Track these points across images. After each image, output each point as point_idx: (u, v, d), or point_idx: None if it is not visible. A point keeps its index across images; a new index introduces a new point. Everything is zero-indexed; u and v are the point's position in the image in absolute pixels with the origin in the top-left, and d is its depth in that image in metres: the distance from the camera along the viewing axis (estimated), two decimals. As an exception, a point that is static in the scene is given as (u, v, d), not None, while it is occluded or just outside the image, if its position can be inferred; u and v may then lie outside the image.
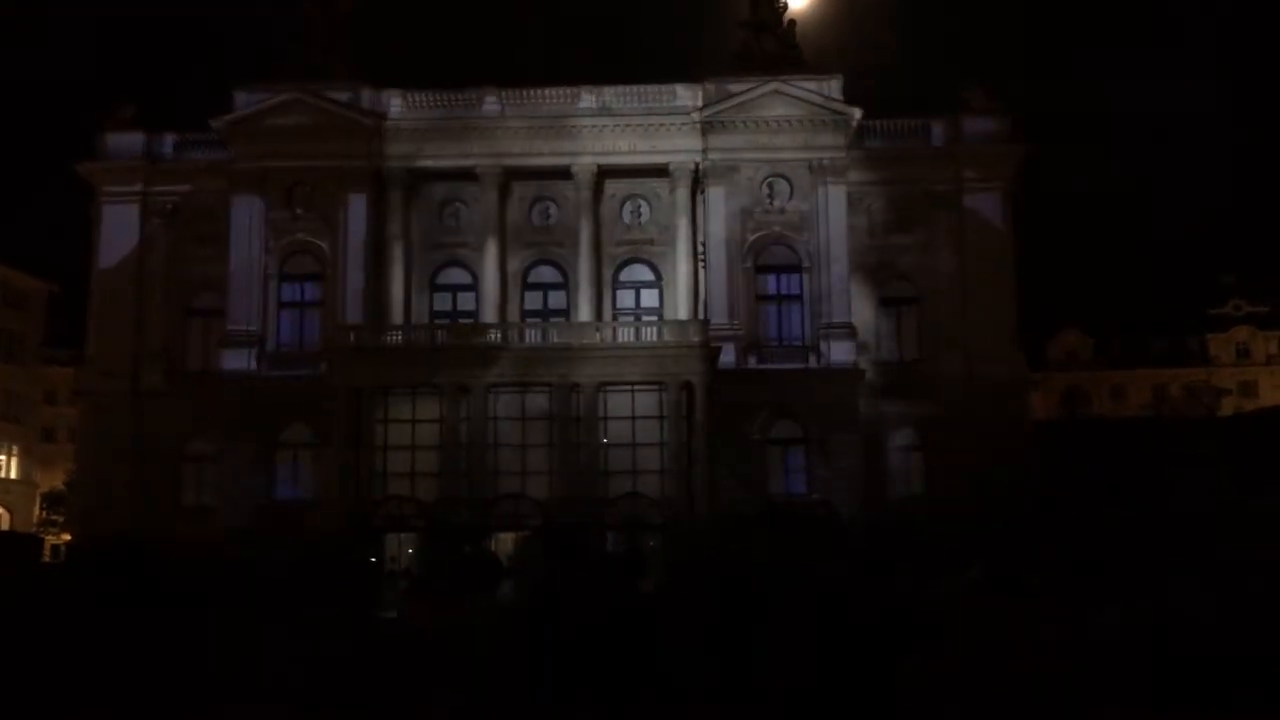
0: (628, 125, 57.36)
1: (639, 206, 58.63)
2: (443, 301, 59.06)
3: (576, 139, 57.45)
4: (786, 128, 56.45)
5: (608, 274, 58.08)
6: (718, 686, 10.10)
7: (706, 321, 53.87)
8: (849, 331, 55.14)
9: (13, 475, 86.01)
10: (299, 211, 57.43)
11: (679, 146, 57.11)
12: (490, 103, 58.26)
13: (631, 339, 53.11)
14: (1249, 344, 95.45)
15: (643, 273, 58.85)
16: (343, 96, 57.56)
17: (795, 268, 56.51)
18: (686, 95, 57.72)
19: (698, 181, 57.13)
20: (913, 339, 58.83)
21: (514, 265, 58.39)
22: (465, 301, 58.69)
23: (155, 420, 58.00)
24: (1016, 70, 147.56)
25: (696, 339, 52.05)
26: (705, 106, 56.84)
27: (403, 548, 52.40)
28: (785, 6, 59.13)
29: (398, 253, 57.83)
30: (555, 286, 58.81)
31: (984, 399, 57.00)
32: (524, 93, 58.46)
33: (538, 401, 51.94)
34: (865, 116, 57.44)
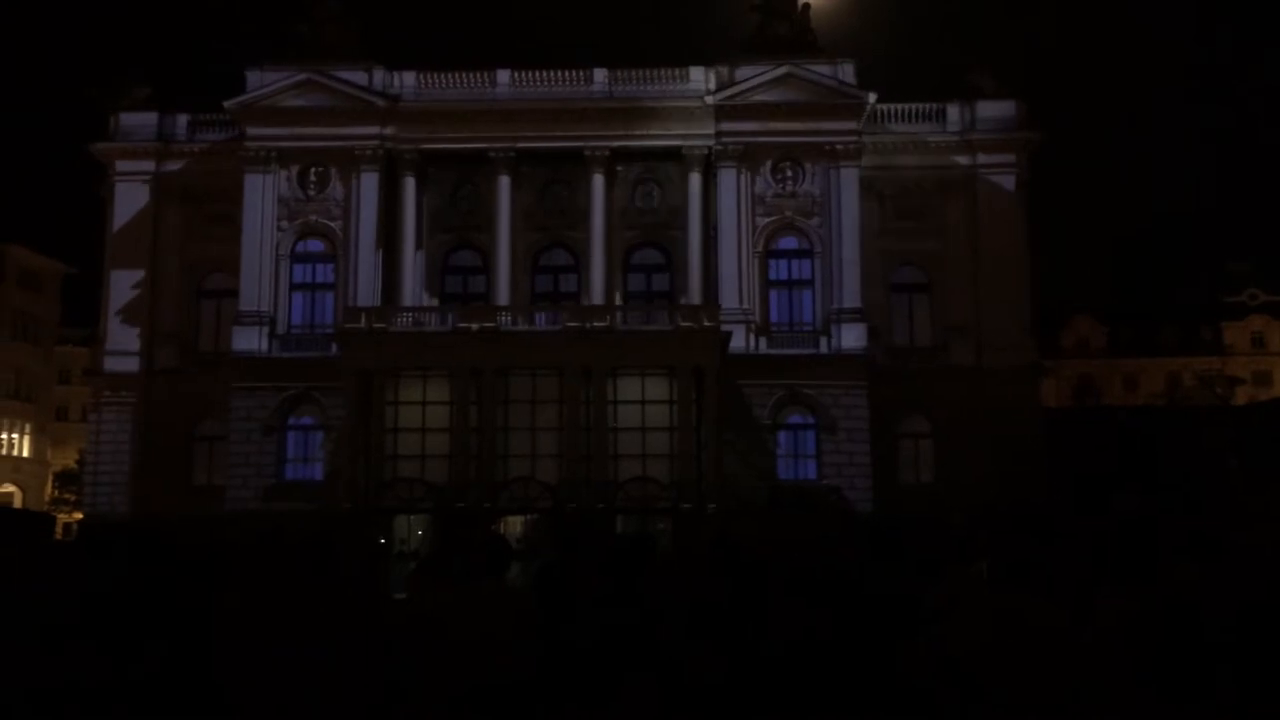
0: (640, 108, 57.16)
1: (651, 190, 58.47)
2: (454, 284, 59.05)
3: (589, 122, 57.25)
4: (799, 112, 56.16)
5: (619, 257, 57.98)
6: (723, 672, 10.09)
7: (717, 306, 53.77)
8: (860, 317, 54.97)
9: (25, 454, 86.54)
10: (311, 193, 57.46)
11: (691, 130, 56.90)
12: (503, 85, 58.13)
13: (642, 323, 53.03)
14: (1264, 333, 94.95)
15: (654, 256, 58.73)
16: (355, 77, 57.47)
17: (807, 252, 56.33)
18: (699, 78, 57.51)
19: (710, 165, 56.94)
20: (925, 325, 58.68)
21: (525, 248, 58.31)
22: (476, 284, 58.67)
23: (167, 400, 58.32)
24: (1032, 55, 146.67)
25: (707, 323, 51.96)
26: (718, 90, 56.61)
27: (412, 529, 52.55)
28: (800, -10, 58.80)
29: (409, 235, 57.83)
30: (566, 270, 58.73)
31: (996, 387, 56.84)
32: (537, 75, 58.30)
33: (548, 385, 51.91)
34: (879, 101, 57.16)
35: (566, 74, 58.29)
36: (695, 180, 57.17)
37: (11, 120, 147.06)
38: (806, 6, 58.84)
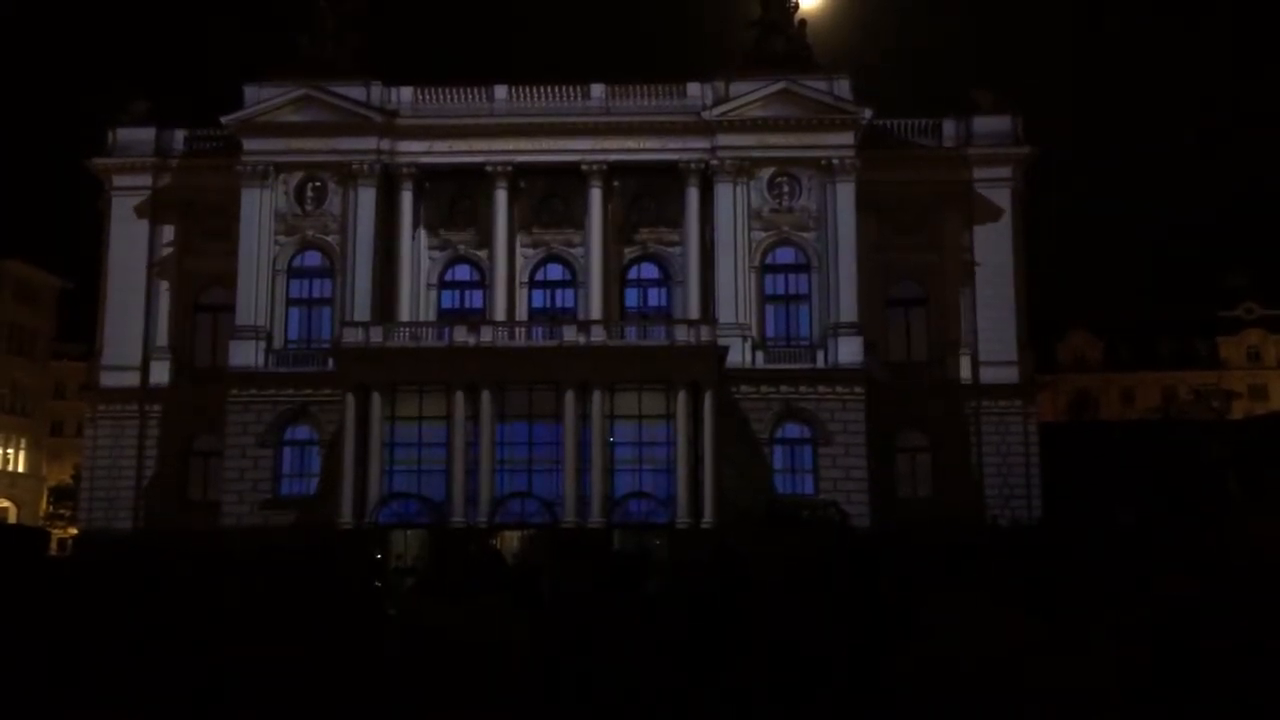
0: (638, 123, 57.30)
1: (648, 204, 58.52)
2: (451, 299, 59.06)
3: (586, 136, 57.39)
4: (796, 127, 56.34)
5: (615, 272, 58.02)
6: (720, 683, 10.10)
7: (714, 320, 53.82)
8: (856, 331, 55.02)
9: (21, 469, 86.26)
10: (309, 208, 57.52)
11: (688, 145, 57.04)
12: (501, 99, 58.27)
13: (639, 338, 53.05)
14: (1260, 347, 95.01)
15: (651, 271, 58.79)
16: (353, 92, 57.58)
17: (804, 267, 56.42)
18: (696, 94, 57.66)
19: (707, 180, 57.04)
20: (921, 340, 58.72)
21: (522, 263, 58.35)
22: (473, 299, 58.71)
23: (163, 415, 58.33)
24: (1029, 70, 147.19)
25: (704, 338, 51.98)
26: (715, 105, 56.77)
27: (409, 545, 52.38)
28: (796, 6, 59.11)
29: (406, 249, 57.85)
30: (563, 285, 58.77)
31: (992, 401, 56.95)
32: (535, 90, 58.46)
33: (545, 400, 51.89)
34: (875, 116, 57.31)
35: (563, 89, 58.44)
36: (692, 195, 57.27)
37: (9, 134, 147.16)
38: (803, 23, 59.11)
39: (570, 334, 52.68)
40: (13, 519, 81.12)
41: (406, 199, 58.05)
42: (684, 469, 50.62)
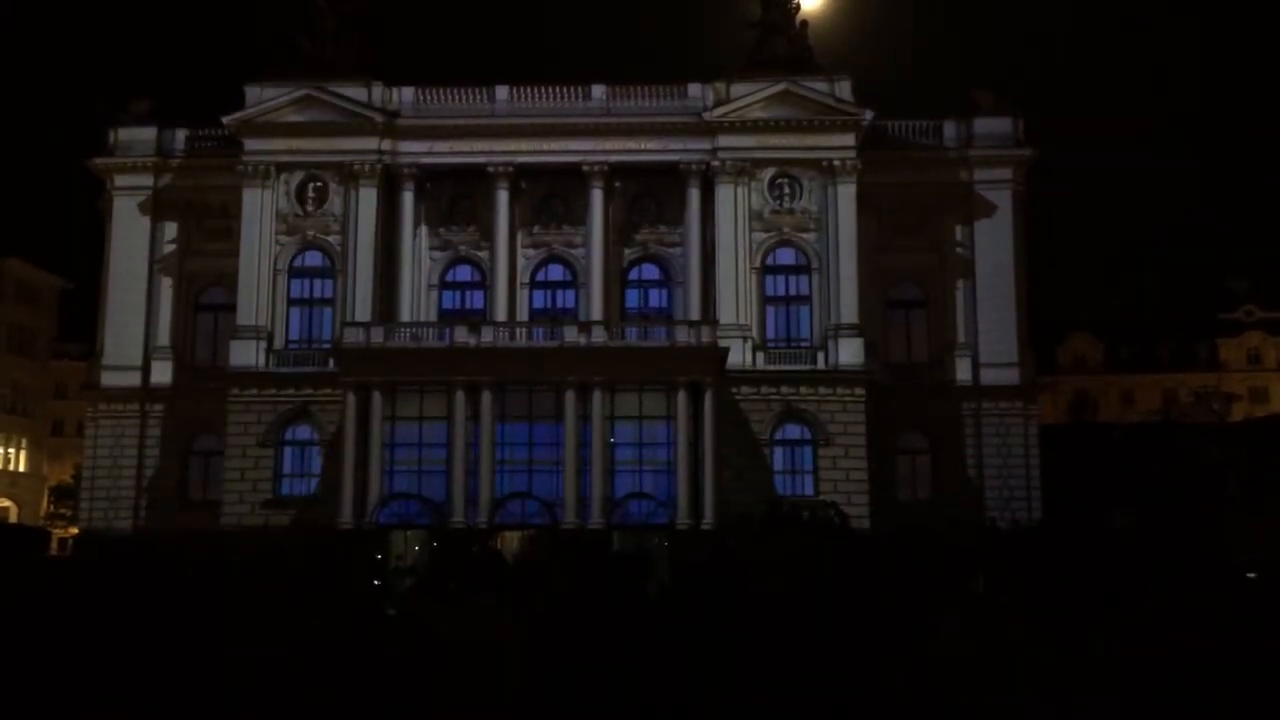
0: (639, 124, 57.32)
1: (648, 205, 58.54)
2: (451, 299, 59.08)
3: (587, 137, 57.41)
4: (797, 128, 56.36)
5: (616, 272, 58.04)
6: (719, 684, 10.11)
7: (715, 322, 53.85)
8: (857, 333, 55.05)
9: (22, 468, 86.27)
10: (309, 208, 57.55)
11: (689, 146, 57.06)
12: (502, 100, 58.30)
13: (640, 339, 53.08)
14: (1260, 349, 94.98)
15: (652, 272, 58.81)
16: (354, 93, 57.61)
17: (804, 268, 56.44)
18: (697, 95, 57.68)
19: (708, 181, 57.07)
20: (922, 341, 58.74)
21: (523, 263, 58.38)
22: (474, 300, 58.73)
23: (164, 415, 58.37)
24: (1031, 72, 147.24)
25: (705, 340, 52.00)
26: (716, 106, 56.80)
27: (409, 545, 52.41)
28: (797, 8, 59.12)
29: (407, 250, 57.88)
30: (564, 285, 58.79)
31: (993, 402, 56.96)
32: (536, 90, 58.50)
33: (545, 400, 51.91)
34: (876, 117, 57.32)
35: (565, 89, 58.47)
36: (693, 196, 57.28)
37: (11, 133, 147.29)
38: (804, 24, 59.11)
39: (571, 335, 52.70)
40: (13, 519, 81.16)
41: (407, 199, 58.08)
42: (684, 470, 50.63)
